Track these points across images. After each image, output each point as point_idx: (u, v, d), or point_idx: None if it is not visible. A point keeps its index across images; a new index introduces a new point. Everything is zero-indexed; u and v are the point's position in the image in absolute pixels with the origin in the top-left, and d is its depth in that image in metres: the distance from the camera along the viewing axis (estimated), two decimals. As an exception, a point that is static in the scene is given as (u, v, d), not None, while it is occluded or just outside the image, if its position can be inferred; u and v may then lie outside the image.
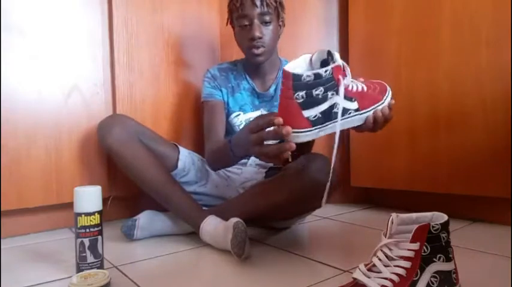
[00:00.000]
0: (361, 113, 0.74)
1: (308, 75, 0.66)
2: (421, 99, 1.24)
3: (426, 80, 1.22)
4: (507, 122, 1.07)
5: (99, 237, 0.79)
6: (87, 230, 0.77)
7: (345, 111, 0.72)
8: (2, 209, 1.07)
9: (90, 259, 0.77)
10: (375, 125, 0.75)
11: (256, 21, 1.05)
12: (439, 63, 1.19)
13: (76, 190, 0.78)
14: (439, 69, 1.19)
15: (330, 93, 0.69)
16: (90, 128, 1.20)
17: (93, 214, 0.78)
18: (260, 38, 1.06)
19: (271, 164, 1.19)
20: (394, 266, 0.58)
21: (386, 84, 0.81)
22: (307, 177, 0.85)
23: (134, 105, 1.29)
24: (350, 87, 0.72)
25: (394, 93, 1.29)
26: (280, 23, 1.13)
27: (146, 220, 1.06)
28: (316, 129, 0.69)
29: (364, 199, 1.53)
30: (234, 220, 0.89)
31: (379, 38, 1.34)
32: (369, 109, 0.75)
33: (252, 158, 1.20)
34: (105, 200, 1.04)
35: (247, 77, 1.19)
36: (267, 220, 1.11)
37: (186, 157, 1.14)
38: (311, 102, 0.68)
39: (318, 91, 0.68)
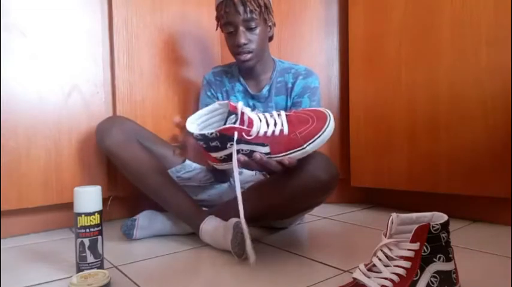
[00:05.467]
0: (273, 158, 0.75)
1: (197, 135, 0.73)
2: (421, 99, 1.24)
3: (426, 80, 1.22)
4: (507, 122, 1.07)
5: (99, 237, 0.79)
6: (87, 230, 0.77)
7: (251, 153, 0.74)
8: (2, 209, 1.07)
9: (90, 259, 0.77)
10: (282, 166, 0.76)
11: (241, 28, 1.05)
12: (439, 63, 1.19)
13: (76, 190, 0.78)
14: (439, 69, 1.19)
15: (228, 144, 0.73)
16: (90, 128, 1.20)
17: (93, 214, 0.78)
18: (245, 44, 1.06)
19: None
20: (394, 266, 0.58)
21: (328, 117, 0.75)
22: (306, 175, 0.85)
23: (134, 106, 1.29)
24: (260, 133, 0.73)
25: (394, 93, 1.31)
26: (270, 24, 1.12)
27: (145, 220, 1.06)
28: (227, 164, 0.76)
29: (364, 199, 1.53)
30: (234, 220, 0.89)
31: (379, 38, 1.34)
32: (280, 155, 0.74)
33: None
34: (105, 200, 1.04)
35: (241, 79, 1.19)
36: (267, 220, 1.11)
37: None
38: (212, 149, 0.75)
39: (214, 143, 0.74)
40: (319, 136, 0.73)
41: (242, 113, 0.73)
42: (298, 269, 0.80)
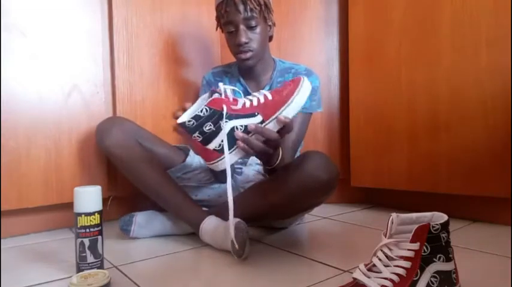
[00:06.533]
0: (267, 123, 0.77)
1: (189, 121, 0.75)
2: (421, 99, 1.24)
3: (426, 80, 1.22)
4: (507, 122, 1.07)
5: (99, 237, 0.79)
6: (87, 230, 0.77)
7: (246, 128, 0.76)
8: (2, 209, 1.07)
9: (90, 259, 0.77)
10: (283, 130, 0.77)
11: (241, 26, 1.05)
12: (439, 63, 1.19)
13: (76, 190, 0.78)
14: (439, 69, 1.19)
15: (221, 123, 0.75)
16: (90, 128, 1.20)
17: (93, 214, 0.78)
18: (246, 43, 1.06)
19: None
20: (394, 266, 0.58)
21: (302, 77, 0.80)
22: (305, 174, 0.85)
23: (134, 106, 1.29)
24: (247, 105, 0.76)
25: (394, 93, 1.31)
26: (270, 24, 1.12)
27: (144, 218, 1.06)
28: (226, 155, 0.76)
29: (364, 199, 1.53)
30: (234, 220, 0.89)
31: (379, 38, 1.34)
32: (273, 117, 0.76)
33: (252, 158, 1.20)
34: (105, 200, 1.04)
35: (241, 79, 1.19)
36: (267, 220, 1.11)
37: (195, 156, 1.15)
38: (208, 137, 0.76)
39: (208, 127, 0.76)
40: (299, 90, 0.77)
41: (225, 91, 0.77)
42: (298, 269, 0.80)
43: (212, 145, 0.77)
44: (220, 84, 0.78)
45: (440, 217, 0.63)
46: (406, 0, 1.27)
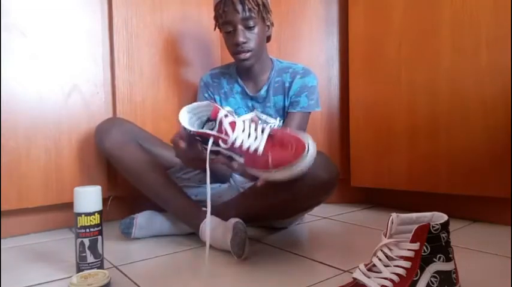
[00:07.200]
0: (248, 170, 0.76)
1: (183, 127, 0.76)
2: (421, 99, 1.24)
3: (426, 80, 1.22)
4: (507, 122, 1.07)
5: (99, 237, 0.79)
6: (87, 230, 0.77)
7: (231, 158, 0.77)
8: (2, 209, 1.07)
9: (90, 259, 0.77)
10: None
11: (239, 26, 1.05)
12: (439, 63, 1.19)
13: (76, 190, 0.78)
14: (439, 69, 1.19)
15: (207, 144, 0.75)
16: (90, 128, 1.20)
17: (93, 214, 0.78)
18: (244, 43, 1.06)
19: None
20: (394, 266, 0.58)
21: (302, 156, 0.70)
22: (306, 174, 0.85)
23: (134, 106, 1.29)
24: (237, 144, 0.74)
25: (394, 93, 1.31)
26: (268, 24, 1.12)
27: (144, 219, 1.06)
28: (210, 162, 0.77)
29: (364, 199, 1.53)
30: (233, 220, 0.89)
31: (379, 38, 1.34)
32: (251, 170, 0.75)
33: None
34: (105, 200, 1.04)
35: (239, 80, 1.19)
36: (267, 220, 1.11)
37: None
38: (198, 141, 0.79)
39: (198, 137, 0.78)
40: (286, 168, 0.70)
41: (220, 122, 0.73)
42: (298, 269, 0.80)
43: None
44: (219, 114, 0.74)
45: (440, 217, 0.63)
46: (406, 0, 1.27)
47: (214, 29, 1.16)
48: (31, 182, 1.11)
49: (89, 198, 0.78)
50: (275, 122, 1.16)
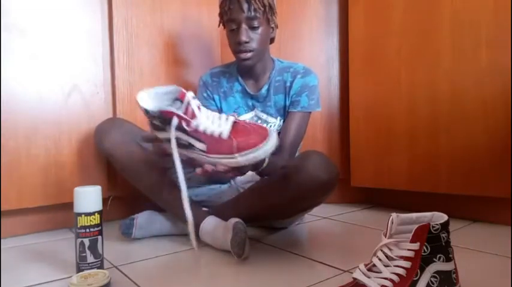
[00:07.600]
0: (206, 156, 0.74)
1: (141, 108, 0.73)
2: (421, 99, 1.24)
3: (426, 80, 1.22)
4: (507, 122, 1.07)
5: (99, 237, 0.79)
6: (87, 230, 0.77)
7: (191, 145, 0.75)
8: (2, 209, 1.07)
9: (90, 259, 0.77)
10: (213, 173, 0.76)
11: (243, 25, 1.05)
12: (439, 63, 1.19)
13: (76, 190, 0.78)
14: (439, 70, 1.19)
15: (167, 127, 0.73)
16: (90, 128, 1.20)
17: (93, 214, 0.78)
18: (247, 42, 1.05)
19: None
20: (394, 266, 0.58)
21: (270, 131, 0.73)
22: (305, 174, 0.85)
23: (134, 106, 1.29)
24: (201, 129, 0.73)
25: (394, 93, 1.31)
26: (273, 26, 1.12)
27: (144, 219, 1.06)
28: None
29: (364, 199, 1.53)
30: (233, 220, 0.89)
31: (379, 38, 1.34)
32: (213, 157, 0.74)
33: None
34: (105, 200, 1.04)
35: (239, 79, 1.19)
36: (267, 220, 1.11)
37: None
38: (155, 127, 0.76)
39: (156, 121, 0.74)
40: (252, 151, 0.71)
41: (188, 104, 0.73)
42: (298, 269, 0.80)
43: (158, 134, 0.76)
44: (188, 95, 0.74)
45: (440, 217, 0.63)
46: (406, 1, 1.27)
47: (219, 25, 1.16)
48: (31, 182, 1.11)
49: (89, 198, 0.78)
50: (275, 122, 1.16)
